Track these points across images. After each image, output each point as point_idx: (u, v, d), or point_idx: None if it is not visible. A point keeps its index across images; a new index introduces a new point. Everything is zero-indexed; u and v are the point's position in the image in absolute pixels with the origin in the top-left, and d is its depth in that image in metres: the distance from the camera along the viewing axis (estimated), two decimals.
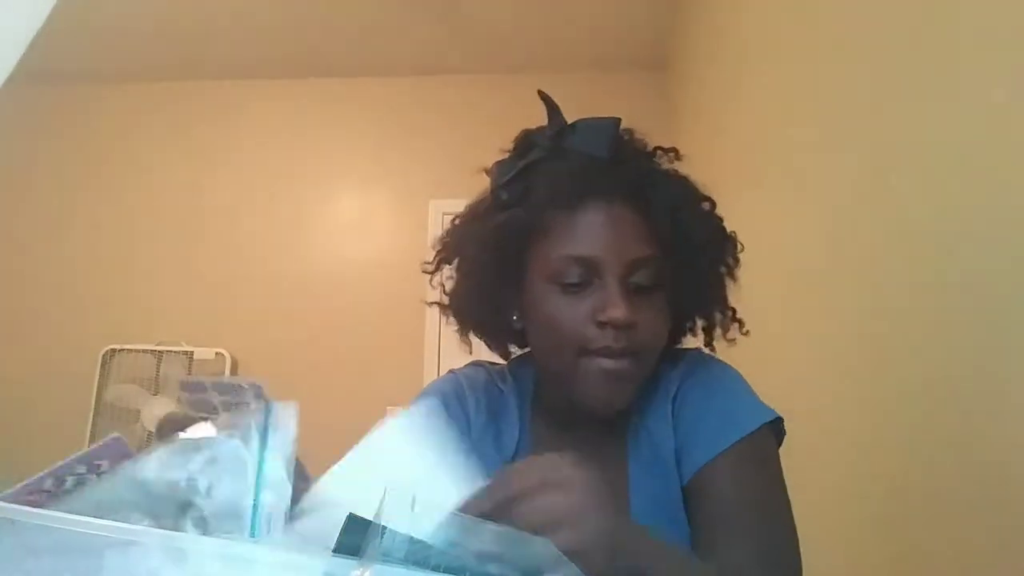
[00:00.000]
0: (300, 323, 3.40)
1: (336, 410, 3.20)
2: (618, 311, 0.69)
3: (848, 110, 1.31)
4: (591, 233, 0.71)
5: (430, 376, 3.32)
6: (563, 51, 3.48)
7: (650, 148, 0.80)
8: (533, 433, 0.82)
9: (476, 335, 0.85)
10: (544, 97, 0.79)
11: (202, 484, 0.35)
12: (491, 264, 0.77)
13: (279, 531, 0.38)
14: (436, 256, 0.86)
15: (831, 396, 1.31)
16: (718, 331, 0.82)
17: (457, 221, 0.85)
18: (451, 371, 0.89)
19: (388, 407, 3.33)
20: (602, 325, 0.70)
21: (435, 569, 0.32)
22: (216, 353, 3.26)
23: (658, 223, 0.72)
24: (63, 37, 2.99)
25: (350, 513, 0.33)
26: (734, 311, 0.81)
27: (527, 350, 0.88)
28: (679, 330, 0.84)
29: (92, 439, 3.12)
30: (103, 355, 3.23)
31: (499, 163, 0.81)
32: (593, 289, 0.71)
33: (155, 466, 0.35)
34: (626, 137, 0.79)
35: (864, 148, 1.24)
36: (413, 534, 0.33)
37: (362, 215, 3.58)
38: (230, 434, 0.38)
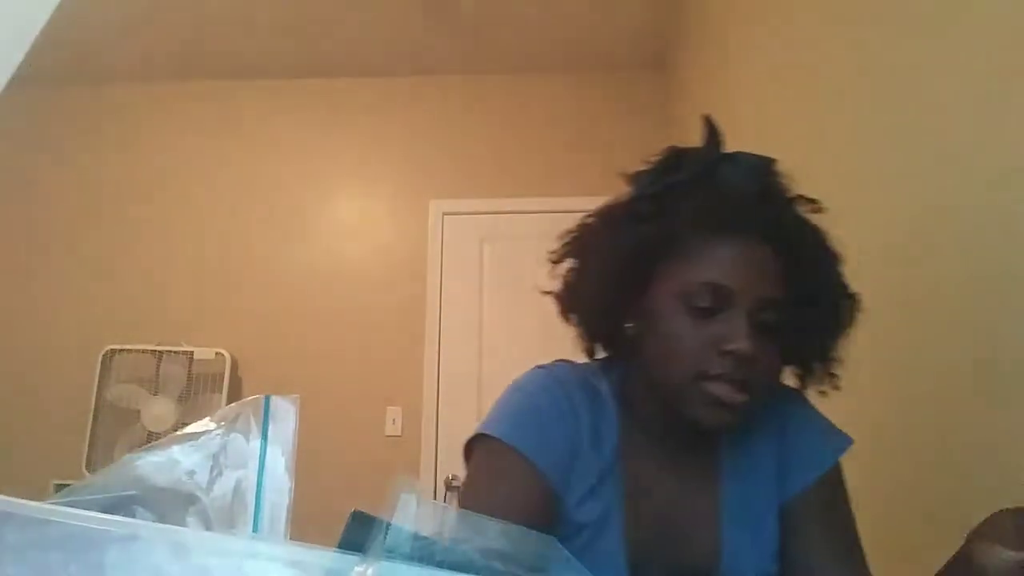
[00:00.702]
0: (300, 323, 3.40)
1: (336, 410, 3.21)
2: (743, 343, 0.69)
3: (849, 110, 1.31)
4: (729, 263, 0.72)
5: (430, 376, 3.32)
6: (563, 51, 3.48)
7: (794, 194, 0.80)
8: (629, 439, 0.81)
9: (577, 329, 0.85)
10: (708, 121, 0.80)
11: (204, 479, 0.35)
12: (619, 272, 0.77)
13: (281, 526, 0.38)
14: (563, 248, 0.85)
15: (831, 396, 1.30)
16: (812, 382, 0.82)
17: (590, 220, 0.84)
18: (540, 367, 0.86)
19: (388, 407, 3.33)
20: (724, 354, 0.70)
21: (439, 566, 0.32)
22: (216, 353, 3.25)
23: (793, 269, 0.74)
24: (63, 37, 2.99)
25: (354, 510, 0.32)
26: (835, 371, 0.80)
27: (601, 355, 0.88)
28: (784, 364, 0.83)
29: (92, 439, 3.12)
30: (103, 355, 3.22)
31: (642, 173, 0.80)
32: (721, 317, 0.72)
33: (158, 461, 0.35)
34: (775, 178, 0.79)
35: (865, 148, 1.24)
36: (417, 530, 0.32)
37: (362, 215, 3.58)
38: (231, 428, 0.38)
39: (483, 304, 3.40)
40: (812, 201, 0.80)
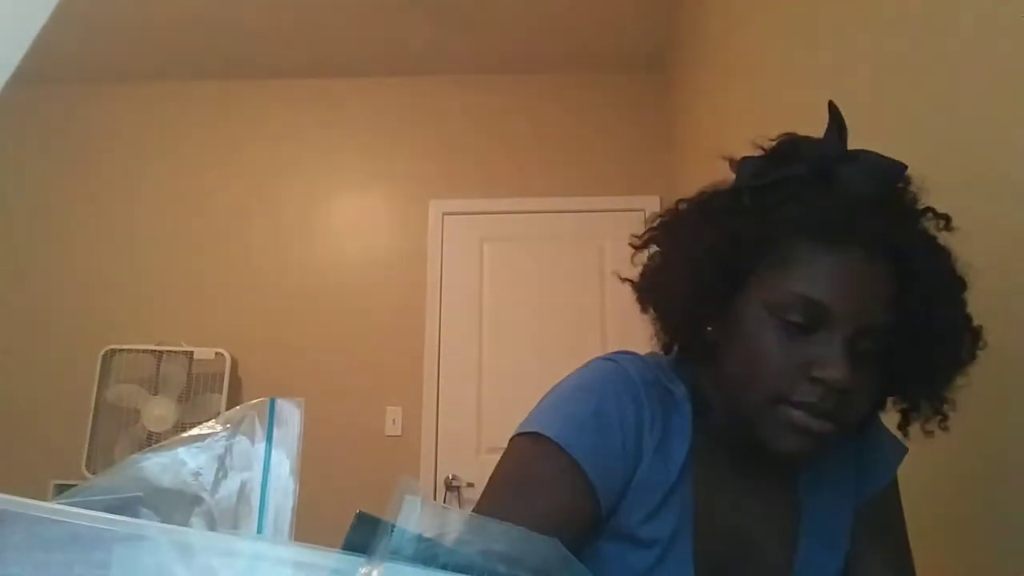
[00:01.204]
0: (300, 323, 3.41)
1: (336, 410, 3.21)
2: (838, 372, 0.62)
3: (849, 109, 1.31)
4: (834, 279, 0.64)
5: (430, 376, 3.32)
6: (563, 52, 3.48)
7: (923, 206, 0.70)
8: (700, 449, 0.73)
9: (654, 324, 0.76)
10: (833, 109, 0.72)
11: (209, 480, 0.35)
12: (708, 270, 0.68)
13: (285, 528, 0.38)
14: (648, 233, 0.76)
15: None
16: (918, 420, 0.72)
17: (684, 206, 0.75)
18: (608, 359, 0.76)
19: (388, 407, 3.33)
20: (813, 380, 0.63)
21: (444, 568, 0.32)
22: (216, 353, 3.25)
23: (908, 293, 0.64)
24: (63, 37, 2.99)
25: (359, 511, 0.33)
26: (945, 403, 0.69)
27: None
28: (882, 403, 0.74)
29: (92, 439, 3.12)
30: (103, 355, 3.22)
31: (750, 160, 0.72)
32: (814, 338, 0.64)
33: (163, 462, 0.35)
34: (902, 187, 0.69)
35: (869, 145, 1.24)
36: (422, 532, 0.32)
37: (362, 215, 3.58)
38: (236, 431, 0.38)
39: (483, 304, 3.40)
40: (943, 217, 0.70)
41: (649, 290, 0.74)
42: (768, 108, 1.85)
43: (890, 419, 0.75)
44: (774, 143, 0.72)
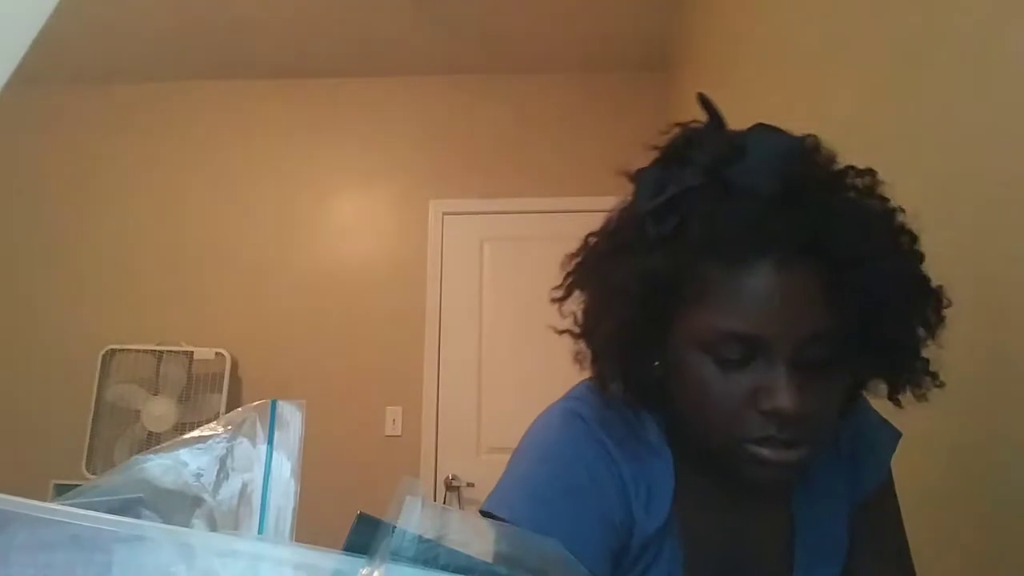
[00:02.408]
0: (300, 323, 3.41)
1: (336, 410, 3.22)
2: (786, 401, 0.56)
3: (850, 109, 1.31)
4: (756, 305, 0.57)
5: (430, 376, 3.32)
6: (563, 51, 3.48)
7: (838, 169, 0.64)
8: (685, 489, 0.68)
9: (597, 372, 0.68)
10: (703, 100, 0.66)
11: (210, 482, 0.36)
12: (631, 314, 0.62)
13: (286, 530, 0.38)
14: (567, 280, 0.70)
15: None
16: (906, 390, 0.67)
17: (594, 240, 0.69)
18: (571, 410, 0.70)
19: (388, 407, 3.33)
20: (765, 414, 0.58)
21: (444, 568, 0.32)
22: (216, 353, 3.26)
23: (840, 281, 0.57)
24: (63, 37, 2.99)
25: (360, 512, 0.33)
26: (927, 364, 0.64)
27: None
28: (857, 392, 0.69)
29: (92, 439, 3.13)
30: (103, 355, 3.23)
31: (646, 172, 0.64)
32: (756, 366, 0.58)
33: (164, 463, 0.35)
34: (806, 164, 0.62)
35: (867, 147, 1.24)
36: (423, 533, 0.33)
37: (362, 215, 3.58)
38: (238, 432, 0.38)
39: (483, 304, 3.40)
40: (864, 173, 0.63)
41: (584, 337, 0.68)
42: (768, 107, 1.85)
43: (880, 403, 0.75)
44: (668, 143, 0.65)
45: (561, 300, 0.70)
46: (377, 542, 0.32)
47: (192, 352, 3.24)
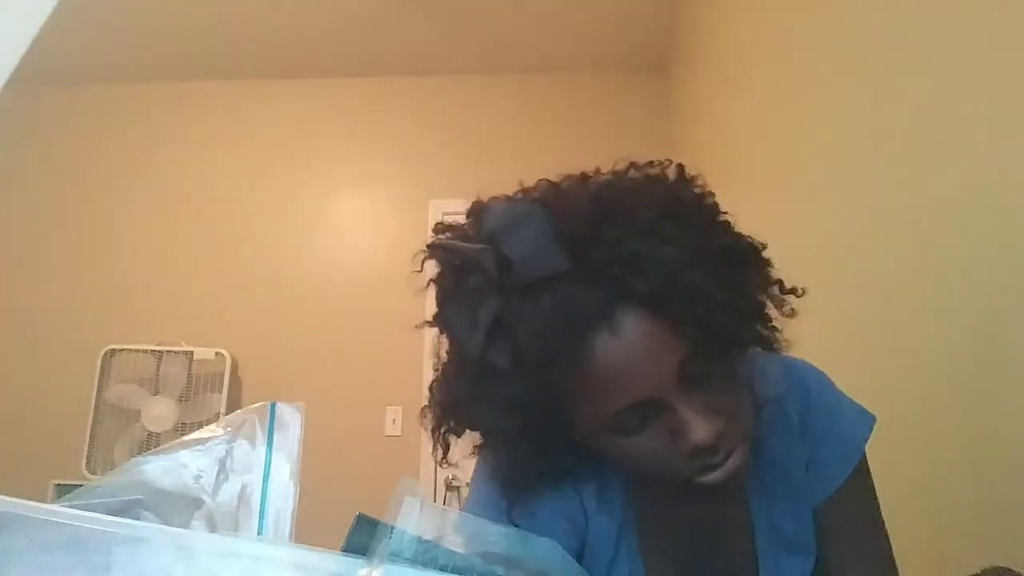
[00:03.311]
0: (300, 323, 3.41)
1: (336, 410, 3.21)
2: (699, 434, 0.57)
3: (851, 108, 1.31)
4: (619, 377, 0.57)
5: (430, 376, 3.31)
6: (563, 51, 3.48)
7: (591, 195, 0.63)
8: (641, 488, 0.71)
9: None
10: (433, 246, 0.66)
11: (210, 484, 0.36)
12: (519, 435, 0.62)
13: (285, 532, 0.38)
14: (439, 435, 0.72)
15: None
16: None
17: (440, 395, 0.71)
18: None
19: (388, 407, 3.33)
20: (691, 454, 0.59)
21: (443, 569, 0.33)
22: (216, 353, 3.25)
23: (677, 304, 0.55)
24: (63, 37, 2.99)
25: (359, 513, 0.33)
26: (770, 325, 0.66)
27: None
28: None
29: (92, 439, 3.13)
30: (103, 355, 3.22)
31: (446, 312, 0.66)
32: (659, 418, 0.59)
33: (164, 465, 0.35)
34: (563, 211, 0.59)
35: (868, 147, 1.24)
36: (421, 534, 0.33)
37: (362, 215, 3.58)
38: (237, 434, 0.38)
39: None
40: (601, 183, 0.64)
41: (507, 473, 0.69)
42: (769, 107, 1.85)
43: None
44: (440, 275, 0.66)
45: (445, 456, 0.71)
46: (376, 543, 0.32)
47: (192, 352, 3.24)
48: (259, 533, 0.35)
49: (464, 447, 0.77)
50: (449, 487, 3.08)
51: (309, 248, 3.53)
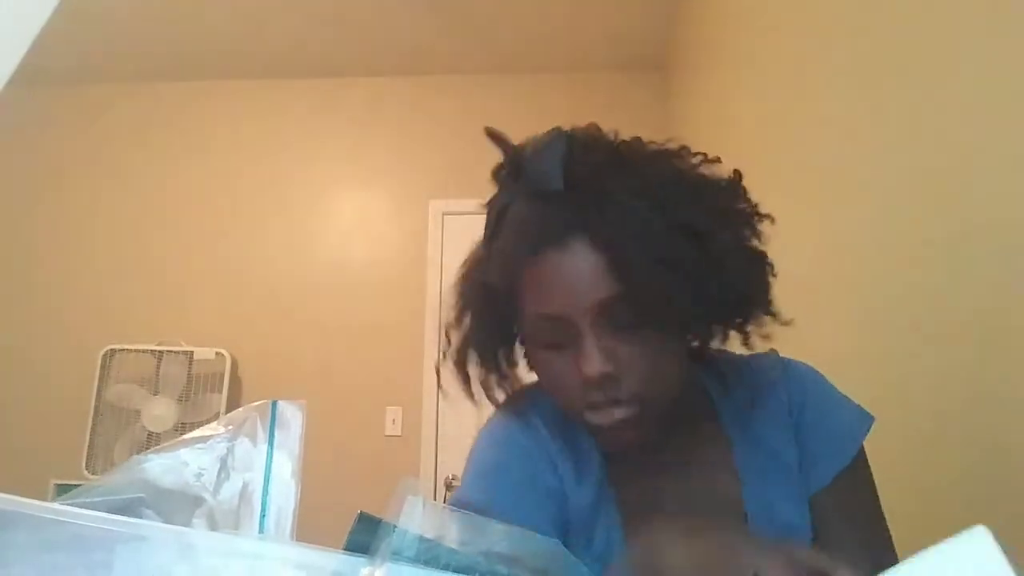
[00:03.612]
0: (300, 323, 3.41)
1: (336, 410, 3.21)
2: (590, 366, 0.63)
3: (851, 107, 1.31)
4: (552, 287, 0.64)
5: (430, 376, 3.32)
6: (563, 51, 3.48)
7: (612, 146, 0.73)
8: (619, 460, 0.74)
9: (495, 384, 0.77)
10: (489, 134, 0.74)
11: (211, 482, 0.36)
12: (488, 320, 0.73)
13: (287, 530, 0.38)
14: (454, 313, 0.78)
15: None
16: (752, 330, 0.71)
17: (458, 276, 0.79)
18: (509, 407, 0.78)
19: (388, 407, 3.33)
20: (584, 381, 0.64)
21: (445, 568, 0.32)
22: (216, 353, 3.25)
23: (620, 255, 0.62)
24: (63, 37, 2.99)
25: (360, 511, 0.33)
26: (768, 304, 0.70)
27: None
28: (702, 346, 0.72)
29: (92, 439, 3.12)
30: (103, 355, 3.22)
31: (487, 203, 0.75)
32: (570, 343, 0.65)
33: (165, 463, 0.35)
34: (581, 151, 0.70)
35: (869, 146, 1.24)
36: (423, 533, 0.33)
37: (362, 215, 3.58)
38: (238, 432, 0.38)
39: None
40: (633, 142, 0.73)
41: (460, 365, 0.76)
42: (769, 107, 1.85)
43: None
44: (492, 176, 0.75)
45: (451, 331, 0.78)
46: (378, 542, 0.32)
47: (192, 352, 3.24)
48: (260, 531, 0.35)
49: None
50: (449, 487, 3.08)
51: (309, 248, 3.53)
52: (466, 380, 0.77)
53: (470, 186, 3.60)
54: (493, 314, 0.72)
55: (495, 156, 0.73)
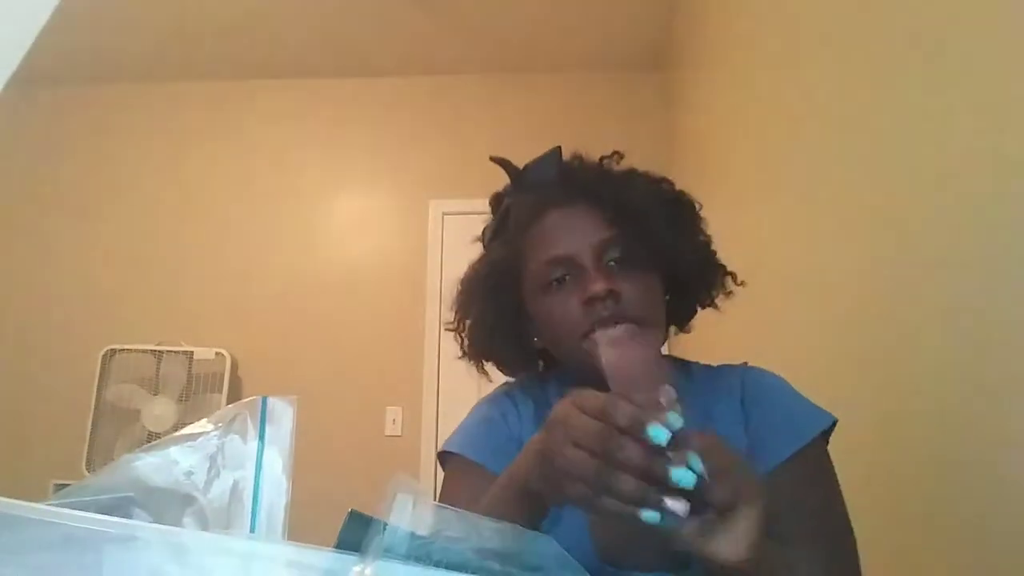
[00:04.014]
0: (300, 323, 3.41)
1: (336, 410, 3.21)
2: (596, 285, 0.75)
3: (850, 106, 1.31)
4: (557, 235, 0.81)
5: (430, 376, 3.33)
6: (563, 51, 3.48)
7: (595, 160, 0.90)
8: None
9: (500, 368, 0.93)
10: (496, 160, 0.93)
11: (201, 480, 0.35)
12: (498, 301, 0.85)
13: (278, 527, 0.38)
14: (456, 317, 0.93)
15: (838, 405, 1.30)
16: (716, 294, 0.88)
17: (461, 283, 0.93)
18: (500, 387, 0.95)
19: (388, 407, 3.33)
20: (588, 303, 0.76)
21: (437, 565, 0.32)
22: (216, 353, 3.25)
23: (611, 209, 0.79)
24: (63, 37, 2.99)
25: (351, 509, 0.33)
26: (722, 267, 0.87)
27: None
28: (684, 305, 0.90)
29: (92, 439, 3.12)
30: (103, 355, 3.22)
31: (484, 229, 0.93)
32: (574, 281, 0.79)
33: (155, 462, 0.35)
34: (572, 159, 0.89)
35: (869, 146, 1.24)
36: (414, 530, 0.32)
37: (362, 215, 3.58)
38: (228, 429, 0.38)
39: None
40: (614, 155, 0.91)
41: (478, 348, 0.90)
42: (768, 107, 1.85)
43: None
44: (489, 207, 0.95)
45: (455, 331, 0.93)
46: (369, 539, 0.32)
47: (192, 352, 3.24)
48: (252, 529, 0.35)
49: None
50: None
51: (309, 248, 3.53)
52: (483, 359, 0.91)
53: (470, 186, 3.62)
54: (505, 290, 0.85)
55: (494, 155, 0.86)
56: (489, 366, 0.93)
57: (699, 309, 0.91)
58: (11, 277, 3.52)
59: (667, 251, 0.80)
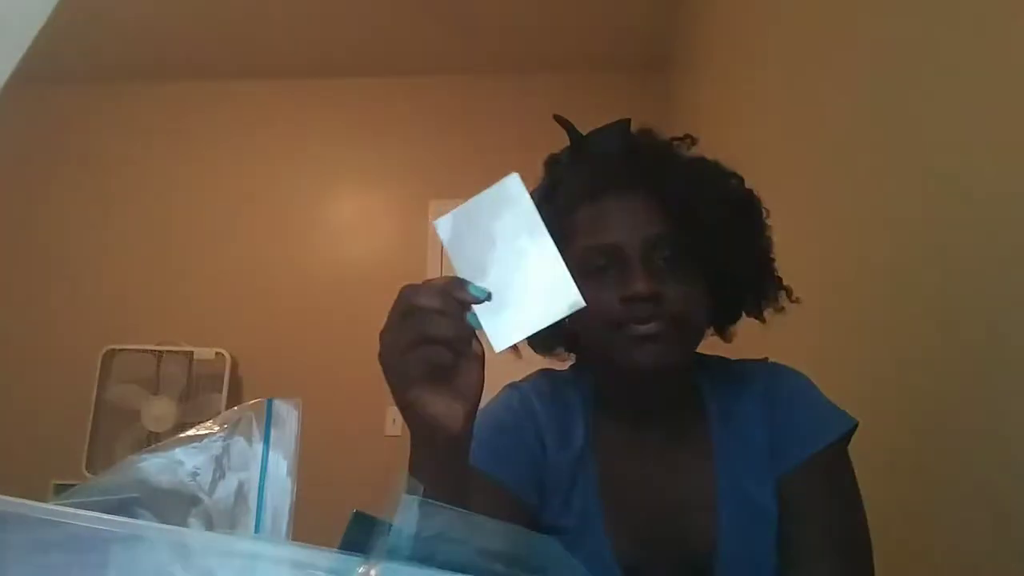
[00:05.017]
0: (300, 323, 3.40)
1: (336, 410, 3.21)
2: (638, 285, 0.72)
3: (852, 107, 1.31)
4: (608, 222, 0.76)
5: None
6: (563, 51, 3.48)
7: (666, 140, 0.85)
8: (601, 434, 0.82)
9: (530, 343, 0.86)
10: (559, 119, 0.87)
11: (206, 481, 0.35)
12: None
13: (283, 529, 0.38)
14: None
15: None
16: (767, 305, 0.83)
17: None
18: (512, 384, 0.89)
19: (388, 407, 3.32)
20: (626, 301, 0.72)
21: (441, 567, 0.32)
22: (216, 353, 3.25)
23: (673, 203, 0.75)
24: (63, 37, 2.98)
25: (356, 510, 0.33)
26: (778, 279, 0.82)
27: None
28: (729, 312, 0.84)
29: (92, 439, 3.12)
30: (103, 355, 3.22)
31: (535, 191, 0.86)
32: (618, 271, 0.74)
33: (160, 463, 0.35)
34: (640, 135, 0.85)
35: (870, 146, 1.24)
36: (419, 531, 0.32)
37: (362, 215, 3.58)
38: (234, 431, 0.38)
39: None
40: (686, 138, 0.87)
41: None
42: (768, 107, 1.85)
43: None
44: (543, 168, 0.89)
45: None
46: (374, 540, 0.32)
47: (192, 352, 3.24)
48: (256, 530, 0.35)
49: None
50: None
51: (309, 248, 3.53)
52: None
53: (470, 186, 3.59)
54: None
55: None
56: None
57: (744, 316, 0.85)
58: (11, 277, 3.52)
59: (724, 257, 0.76)
